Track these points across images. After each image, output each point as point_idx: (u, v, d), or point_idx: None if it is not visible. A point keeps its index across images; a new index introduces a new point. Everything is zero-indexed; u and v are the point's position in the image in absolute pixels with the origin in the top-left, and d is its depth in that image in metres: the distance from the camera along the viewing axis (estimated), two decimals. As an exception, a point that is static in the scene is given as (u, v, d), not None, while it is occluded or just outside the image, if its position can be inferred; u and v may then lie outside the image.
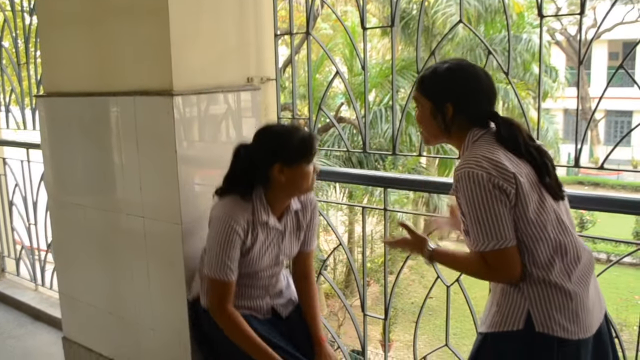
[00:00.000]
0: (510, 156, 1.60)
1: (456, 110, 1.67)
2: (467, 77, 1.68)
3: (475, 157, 1.58)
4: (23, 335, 3.72)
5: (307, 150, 2.03)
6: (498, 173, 1.55)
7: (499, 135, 1.64)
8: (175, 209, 2.29)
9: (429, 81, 1.72)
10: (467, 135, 1.68)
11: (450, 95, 1.68)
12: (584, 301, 1.62)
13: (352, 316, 2.67)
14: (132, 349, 2.69)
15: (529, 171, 1.61)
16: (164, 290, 2.46)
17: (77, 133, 2.70)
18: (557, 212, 1.63)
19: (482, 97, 1.69)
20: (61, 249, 3.04)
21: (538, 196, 1.60)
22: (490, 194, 1.54)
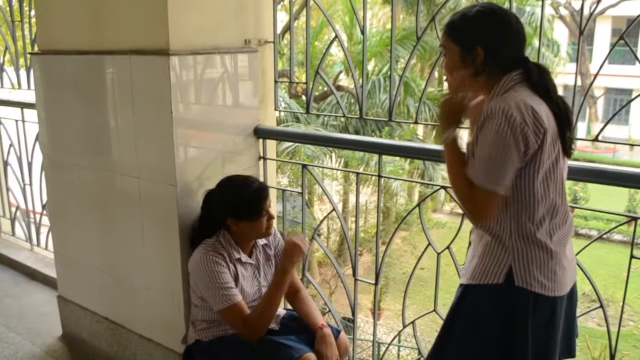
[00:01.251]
0: (544, 107, 1.56)
1: (487, 55, 1.61)
2: (498, 20, 1.62)
3: (516, 99, 1.54)
4: (19, 294, 3.76)
5: (254, 208, 2.20)
6: (532, 123, 1.52)
7: (532, 81, 1.59)
8: (170, 171, 2.29)
9: (458, 25, 1.66)
10: (500, 80, 1.62)
11: (480, 38, 1.62)
12: (562, 261, 1.66)
13: (344, 282, 2.70)
14: (127, 308, 2.73)
15: (553, 122, 1.58)
16: (158, 250, 2.48)
17: (72, 92, 2.69)
18: (562, 174, 1.65)
19: (513, 41, 1.63)
20: (56, 208, 3.05)
21: (555, 154, 1.59)
22: (514, 139, 1.51)
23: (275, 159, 2.78)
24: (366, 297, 12.40)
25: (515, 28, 1.63)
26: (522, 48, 1.65)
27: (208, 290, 2.18)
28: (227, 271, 2.20)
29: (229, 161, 2.54)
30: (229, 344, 2.23)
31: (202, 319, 2.29)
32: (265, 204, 2.22)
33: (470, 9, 1.65)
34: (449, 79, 1.71)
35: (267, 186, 2.29)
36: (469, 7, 1.67)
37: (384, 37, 12.32)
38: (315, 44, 11.76)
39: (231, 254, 2.24)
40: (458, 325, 1.76)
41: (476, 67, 1.63)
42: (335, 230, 14.53)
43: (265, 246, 2.39)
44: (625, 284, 2.18)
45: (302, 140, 3.69)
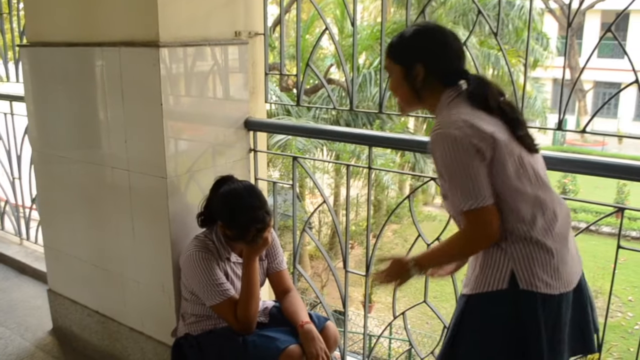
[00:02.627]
0: (484, 115, 1.60)
1: (427, 71, 1.67)
2: (435, 37, 1.68)
3: (450, 118, 1.59)
4: (8, 288, 3.74)
5: (249, 235, 2.12)
6: (473, 132, 1.55)
7: (470, 93, 1.64)
8: (161, 163, 2.29)
9: (397, 45, 1.73)
10: (440, 97, 1.67)
11: (419, 55, 1.68)
12: (564, 256, 1.65)
13: (335, 274, 2.70)
14: (117, 301, 2.72)
15: (503, 127, 1.61)
16: (148, 243, 2.47)
17: (62, 85, 2.67)
18: (534, 167, 1.64)
19: (451, 55, 1.69)
20: (46, 202, 3.03)
21: (516, 152, 1.61)
22: (466, 153, 1.54)
23: (265, 151, 2.78)
24: (357, 290, 12.45)
25: (453, 43, 1.69)
26: (462, 62, 1.70)
27: (200, 287, 2.18)
28: (218, 267, 2.21)
29: (220, 154, 2.53)
30: (218, 338, 2.23)
31: (192, 313, 2.29)
32: (263, 235, 2.15)
33: (408, 29, 1.73)
34: (397, 100, 1.77)
35: (268, 218, 2.16)
36: (407, 28, 1.75)
37: (375, 30, 12.31)
38: (306, 37, 11.74)
39: (221, 253, 2.24)
40: (464, 336, 1.73)
41: (418, 84, 1.68)
42: (327, 223, 14.56)
43: None
44: (612, 275, 2.20)
45: (292, 133, 3.68)
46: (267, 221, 2.15)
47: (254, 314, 2.20)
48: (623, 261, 13.64)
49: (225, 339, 2.21)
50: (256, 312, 2.21)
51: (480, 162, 1.55)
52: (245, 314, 2.17)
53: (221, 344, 2.21)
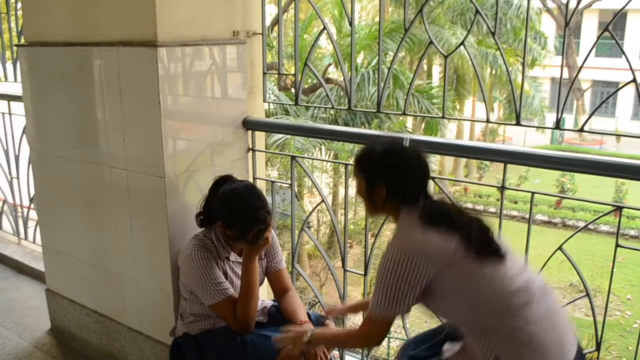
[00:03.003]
0: (433, 233, 1.66)
1: (389, 190, 1.77)
2: (399, 160, 1.77)
3: (406, 235, 1.70)
4: (6, 288, 3.74)
5: (250, 235, 2.11)
6: (425, 249, 1.63)
7: (427, 209, 1.72)
8: (159, 163, 2.29)
9: (364, 160, 1.83)
10: (399, 212, 1.77)
11: (383, 176, 1.77)
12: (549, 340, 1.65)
13: (333, 273, 2.70)
14: (115, 301, 2.72)
15: (452, 243, 1.64)
16: (147, 243, 2.47)
17: (60, 84, 2.67)
18: (499, 273, 1.67)
19: (412, 179, 1.77)
20: (44, 201, 3.03)
21: (468, 266, 1.64)
22: (408, 271, 1.63)
23: (264, 150, 2.78)
24: (356, 289, 12.43)
25: (416, 166, 1.78)
26: (424, 183, 1.79)
27: (199, 287, 2.17)
28: (216, 266, 2.20)
29: (218, 153, 2.53)
30: (216, 338, 2.23)
31: (191, 312, 2.29)
32: (263, 236, 2.14)
33: (376, 144, 1.83)
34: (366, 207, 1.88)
35: (269, 218, 2.16)
36: (375, 142, 1.86)
37: (373, 30, 12.33)
38: (304, 37, 11.74)
39: (220, 252, 2.24)
40: None
41: (379, 200, 1.79)
42: (325, 222, 14.56)
43: None
44: (610, 273, 2.20)
45: (290, 132, 3.68)
46: (268, 221, 2.14)
47: (253, 314, 2.20)
48: (622, 260, 13.66)
49: (223, 338, 2.21)
50: (255, 312, 2.21)
51: (416, 279, 1.63)
52: (244, 313, 2.17)
53: (220, 343, 2.21)
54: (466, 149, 2.34)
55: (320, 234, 14.76)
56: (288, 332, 2.04)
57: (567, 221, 18.16)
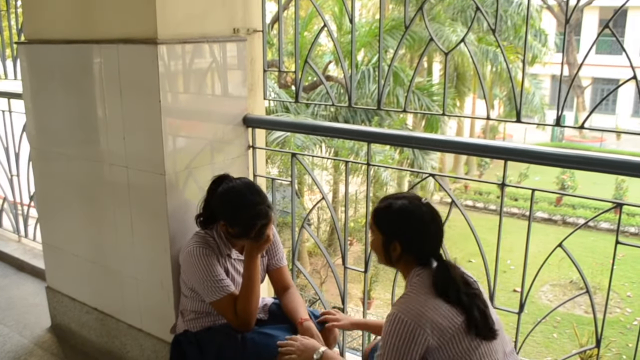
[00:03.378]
0: (441, 304, 1.69)
1: (403, 249, 1.78)
2: (417, 221, 1.78)
3: (411, 303, 1.70)
4: (7, 286, 3.74)
5: (251, 232, 2.11)
6: (431, 323, 1.64)
7: (435, 279, 1.74)
8: (159, 160, 2.28)
9: (382, 216, 1.84)
10: (411, 270, 1.79)
11: (399, 234, 1.79)
12: None
13: (333, 270, 2.71)
14: (116, 298, 2.72)
15: (457, 320, 1.68)
16: (147, 240, 2.47)
17: (60, 82, 2.67)
18: (484, 350, 1.70)
19: (427, 241, 1.79)
20: (44, 199, 3.03)
21: (468, 341, 1.68)
22: (405, 342, 1.65)
23: (264, 147, 2.77)
24: (356, 287, 12.46)
25: (432, 228, 1.79)
26: (438, 246, 1.81)
27: (200, 283, 2.17)
28: (218, 263, 2.20)
29: (218, 150, 2.53)
30: (217, 335, 2.23)
31: (191, 310, 2.29)
32: (265, 232, 2.14)
33: (395, 200, 1.82)
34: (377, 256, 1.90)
35: (270, 212, 2.16)
36: (395, 197, 1.84)
37: (373, 27, 12.32)
38: (304, 34, 11.74)
39: (222, 249, 2.24)
40: None
41: (393, 257, 1.81)
42: (326, 220, 14.57)
43: None
44: (610, 270, 2.20)
45: (291, 129, 3.66)
46: (270, 216, 2.14)
47: (254, 311, 2.20)
48: (621, 257, 13.67)
49: (224, 336, 2.21)
50: (256, 309, 2.21)
51: (414, 347, 1.65)
52: (245, 310, 2.17)
53: (220, 341, 2.21)
54: (467, 146, 2.34)
55: (320, 231, 14.78)
56: (295, 340, 2.08)
57: (567, 218, 18.19)
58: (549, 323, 12.26)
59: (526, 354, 10.67)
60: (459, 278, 1.74)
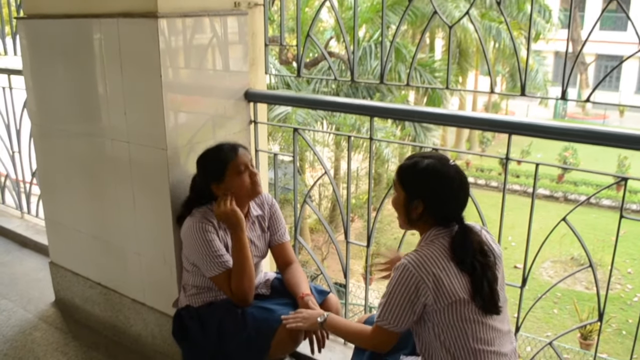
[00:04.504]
0: (451, 266, 1.68)
1: (425, 208, 1.75)
2: (442, 181, 1.74)
3: (420, 258, 1.68)
4: (10, 262, 3.76)
5: (225, 164, 2.18)
6: (436, 282, 1.65)
7: (454, 241, 1.72)
8: (161, 135, 2.28)
9: (407, 174, 1.79)
10: (429, 230, 1.77)
11: (423, 193, 1.75)
12: None
13: (335, 245, 2.71)
14: (119, 273, 2.74)
15: (465, 285, 1.68)
16: (149, 215, 2.48)
17: (60, 58, 2.65)
18: (484, 326, 1.70)
19: (451, 203, 1.76)
20: (46, 175, 3.03)
21: (467, 310, 1.68)
22: (408, 294, 1.67)
23: (266, 122, 2.76)
24: (357, 263, 12.52)
25: (458, 190, 1.75)
26: (461, 208, 1.78)
27: (199, 258, 2.18)
28: (217, 238, 2.21)
29: (220, 125, 2.52)
30: (218, 310, 2.25)
31: (193, 284, 2.30)
32: (239, 158, 2.19)
33: (422, 159, 1.77)
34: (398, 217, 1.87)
35: (241, 145, 2.25)
36: (421, 156, 1.80)
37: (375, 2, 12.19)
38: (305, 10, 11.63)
39: (221, 223, 2.24)
40: None
41: (414, 215, 1.78)
42: (327, 196, 14.59)
43: (260, 217, 2.39)
44: (614, 245, 2.20)
45: (293, 104, 3.62)
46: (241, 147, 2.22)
47: (248, 287, 2.19)
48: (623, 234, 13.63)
49: (225, 310, 2.22)
50: (250, 285, 2.20)
51: (416, 300, 1.67)
52: (239, 286, 2.17)
53: (221, 315, 2.22)
54: (472, 121, 2.32)
55: (321, 208, 14.81)
56: (300, 312, 2.11)
57: (569, 195, 18.20)
58: (549, 299, 12.35)
59: (526, 329, 10.76)
60: (476, 245, 1.73)
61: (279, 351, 2.20)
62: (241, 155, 2.21)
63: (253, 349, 2.15)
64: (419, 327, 1.75)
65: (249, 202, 2.32)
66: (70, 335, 2.89)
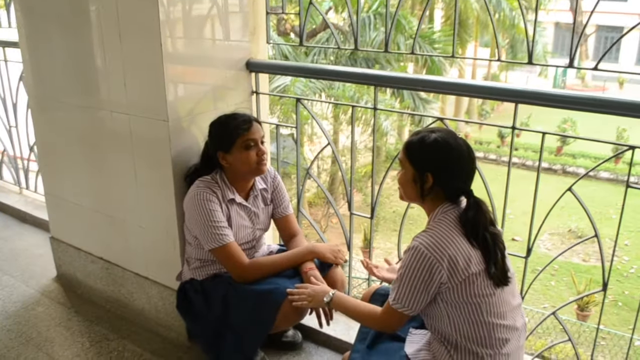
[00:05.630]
0: (464, 242, 1.66)
1: (435, 182, 1.72)
2: (451, 154, 1.71)
3: (431, 238, 1.66)
4: (10, 237, 3.73)
5: (235, 136, 2.15)
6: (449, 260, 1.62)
7: (464, 216, 1.70)
8: (162, 106, 2.23)
9: (416, 149, 1.75)
10: (438, 205, 1.74)
11: (432, 167, 1.72)
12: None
13: (339, 217, 2.69)
14: (121, 247, 2.71)
15: (478, 259, 1.67)
16: (151, 187, 2.44)
17: (57, 28, 2.58)
18: (497, 299, 1.69)
19: (461, 175, 1.73)
20: (45, 149, 2.98)
21: (481, 285, 1.66)
22: (421, 276, 1.65)
23: (267, 93, 2.71)
24: (357, 236, 12.54)
25: (467, 162, 1.73)
26: (470, 181, 1.75)
27: (199, 228, 2.16)
28: (220, 209, 2.18)
29: (221, 96, 2.48)
30: (222, 283, 2.23)
31: (197, 258, 2.28)
32: (251, 134, 2.17)
33: (429, 134, 1.74)
34: (401, 191, 1.83)
35: (254, 118, 2.24)
36: (428, 130, 1.76)
37: (374, -28, 12.01)
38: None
39: (225, 193, 2.21)
40: None
41: (423, 190, 1.74)
42: (326, 170, 14.54)
43: (263, 191, 2.37)
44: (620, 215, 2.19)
45: (295, 74, 3.51)
46: (254, 119, 2.21)
47: (262, 277, 2.20)
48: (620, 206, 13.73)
49: (229, 284, 2.21)
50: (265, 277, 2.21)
51: (430, 282, 1.65)
52: (256, 273, 2.19)
53: (225, 288, 2.20)
54: (478, 89, 2.27)
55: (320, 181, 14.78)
56: (305, 287, 2.08)
57: (567, 168, 18.20)
58: (546, 271, 12.41)
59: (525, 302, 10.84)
60: (488, 216, 1.72)
61: (283, 324, 2.20)
62: (253, 131, 2.18)
63: (258, 322, 2.14)
64: (428, 306, 1.74)
65: (253, 178, 2.29)
66: (73, 310, 2.88)
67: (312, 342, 2.57)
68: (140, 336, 2.67)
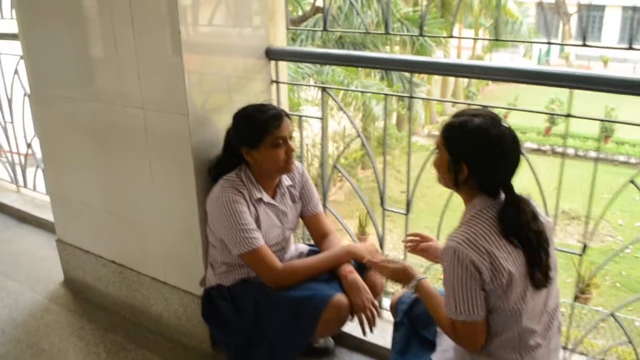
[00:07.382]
0: (504, 243, 1.53)
1: (470, 172, 1.57)
2: (491, 145, 1.53)
3: (469, 235, 1.52)
4: (11, 238, 3.56)
5: (264, 133, 1.99)
6: (487, 259, 1.50)
7: (502, 215, 1.55)
8: (181, 99, 2.07)
9: (454, 135, 1.59)
10: (474, 198, 1.61)
11: (469, 157, 1.57)
12: None
13: (370, 215, 2.54)
14: (136, 250, 2.55)
15: (520, 261, 1.53)
16: (170, 186, 2.28)
17: (61, 16, 2.39)
18: (533, 304, 1.57)
19: (499, 169, 1.57)
20: (49, 147, 2.80)
21: (522, 288, 1.54)
22: (469, 275, 1.50)
23: (288, 82, 2.55)
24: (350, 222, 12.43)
25: (508, 157, 1.56)
26: (510, 175, 1.58)
27: (227, 232, 2.00)
28: (247, 211, 2.02)
29: (240, 87, 2.32)
30: (252, 289, 2.07)
31: (223, 262, 2.13)
32: (280, 131, 2.00)
33: (472, 118, 1.56)
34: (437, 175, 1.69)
35: (285, 113, 2.07)
36: (471, 114, 1.59)
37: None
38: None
39: (252, 193, 2.06)
40: None
41: (457, 179, 1.60)
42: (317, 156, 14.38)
43: (290, 187, 2.21)
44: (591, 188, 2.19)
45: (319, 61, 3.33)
46: (284, 114, 2.04)
47: (297, 283, 2.03)
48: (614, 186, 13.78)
49: (259, 290, 2.04)
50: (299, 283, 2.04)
51: (477, 282, 1.51)
52: (291, 278, 2.02)
53: (256, 295, 2.04)
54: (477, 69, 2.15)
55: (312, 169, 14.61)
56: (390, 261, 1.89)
57: (556, 149, 18.24)
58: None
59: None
60: (530, 215, 1.55)
61: (323, 333, 2.06)
62: (284, 127, 2.01)
63: (296, 332, 1.96)
64: None
65: (280, 176, 2.15)
66: (85, 318, 2.71)
67: (344, 347, 2.42)
68: (160, 345, 2.51)
